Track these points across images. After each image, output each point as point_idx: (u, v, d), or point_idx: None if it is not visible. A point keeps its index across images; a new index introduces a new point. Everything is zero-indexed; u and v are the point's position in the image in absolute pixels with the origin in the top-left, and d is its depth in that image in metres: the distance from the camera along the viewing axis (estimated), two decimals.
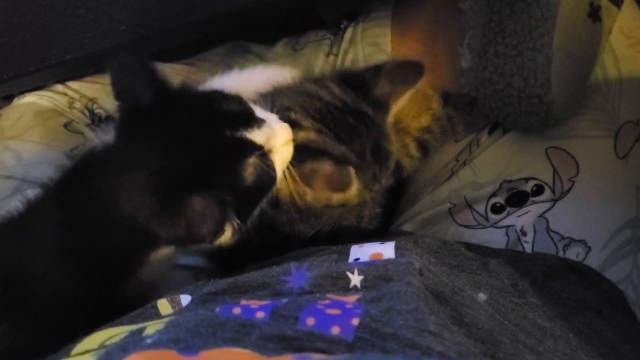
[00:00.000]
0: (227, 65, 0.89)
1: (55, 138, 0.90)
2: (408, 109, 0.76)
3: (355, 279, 0.48)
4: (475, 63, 0.70)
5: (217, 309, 0.43)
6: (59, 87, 0.94)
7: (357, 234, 0.82)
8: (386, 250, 0.54)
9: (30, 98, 0.94)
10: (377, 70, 0.70)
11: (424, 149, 0.80)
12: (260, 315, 0.41)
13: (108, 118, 0.92)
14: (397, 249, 0.53)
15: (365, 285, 0.47)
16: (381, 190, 0.76)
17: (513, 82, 0.68)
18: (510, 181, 0.72)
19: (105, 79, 0.93)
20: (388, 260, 0.51)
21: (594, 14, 0.69)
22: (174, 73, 0.90)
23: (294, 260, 0.56)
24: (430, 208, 0.79)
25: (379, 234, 0.84)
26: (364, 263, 0.50)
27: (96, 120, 0.92)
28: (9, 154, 0.88)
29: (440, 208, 0.77)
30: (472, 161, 0.77)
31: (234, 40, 0.92)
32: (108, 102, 0.92)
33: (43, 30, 0.81)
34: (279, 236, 0.77)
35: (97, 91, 0.92)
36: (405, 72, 0.70)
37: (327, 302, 0.43)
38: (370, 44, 0.80)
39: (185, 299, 0.51)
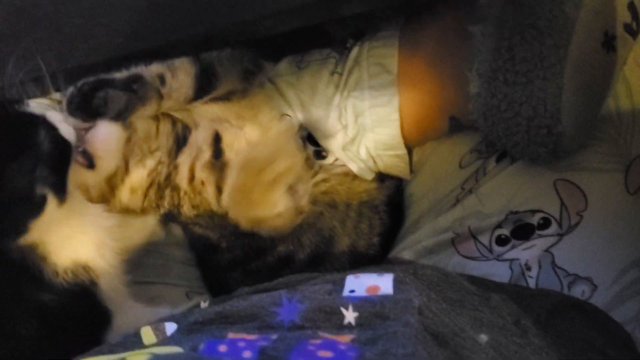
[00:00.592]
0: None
1: None
2: None
3: (350, 316, 0.45)
4: (484, 89, 0.67)
5: (202, 346, 0.40)
6: (58, 96, 0.91)
7: (354, 260, 0.80)
8: (384, 283, 0.51)
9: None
10: None
11: None
12: (247, 355, 0.38)
13: None
14: (396, 282, 0.51)
15: (360, 322, 0.45)
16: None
17: (522, 111, 0.66)
18: (516, 212, 0.70)
19: None
20: (385, 297, 0.48)
21: (609, 43, 0.67)
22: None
23: (286, 287, 0.53)
24: (432, 236, 0.76)
25: (378, 261, 0.82)
26: (360, 298, 0.48)
27: None
28: None
29: (443, 237, 0.75)
30: (478, 190, 0.74)
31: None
32: None
33: (36, 40, 0.79)
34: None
35: None
36: None
37: (318, 341, 0.41)
38: (376, 64, 0.78)
39: (170, 328, 0.49)
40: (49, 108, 0.72)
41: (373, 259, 0.81)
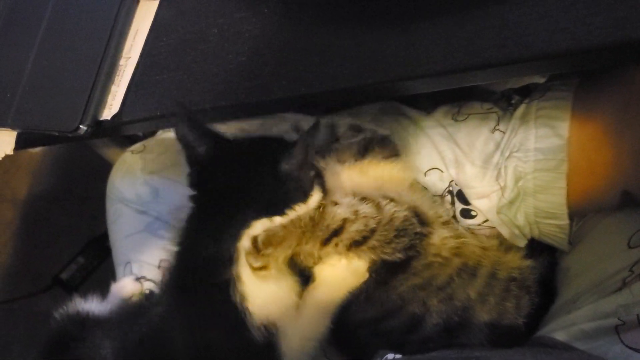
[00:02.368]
0: (378, 126, 0.84)
1: None
2: None
3: None
4: None
5: None
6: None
7: (494, 338, 0.74)
8: None
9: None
10: None
11: None
12: None
13: None
14: None
15: None
16: None
17: None
18: None
19: (253, 127, 0.91)
20: None
21: None
22: None
23: None
24: (591, 320, 0.69)
25: (522, 340, 0.76)
26: None
27: None
28: (147, 189, 0.88)
29: (605, 323, 0.67)
30: None
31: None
32: None
33: (201, 73, 0.80)
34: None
35: None
36: None
37: None
38: (545, 126, 0.72)
39: None
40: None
41: (516, 339, 0.74)
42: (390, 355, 0.66)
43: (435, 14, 0.67)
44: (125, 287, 0.82)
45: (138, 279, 0.86)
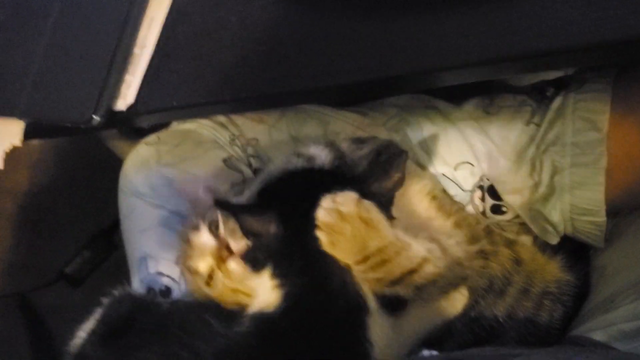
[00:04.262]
0: (404, 121, 0.81)
1: (213, 172, 0.85)
2: None
3: None
4: None
5: None
6: (222, 118, 0.89)
7: (534, 333, 0.71)
8: None
9: (190, 125, 0.91)
10: None
11: None
12: None
13: (257, 171, 0.86)
14: None
15: None
16: None
17: None
18: None
19: (272, 119, 0.88)
20: None
21: None
22: (345, 122, 0.83)
23: None
24: (631, 320, 0.66)
25: (559, 336, 0.73)
26: None
27: (250, 166, 0.87)
28: (162, 182, 0.85)
29: None
30: None
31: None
32: (269, 144, 0.86)
33: (220, 63, 0.76)
34: None
35: (260, 132, 0.87)
36: None
37: None
38: (583, 119, 0.69)
39: None
40: None
41: (549, 343, 0.72)
42: (426, 352, 0.64)
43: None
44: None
45: (157, 274, 0.83)
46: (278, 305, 0.63)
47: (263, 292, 0.66)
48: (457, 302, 0.69)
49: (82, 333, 0.81)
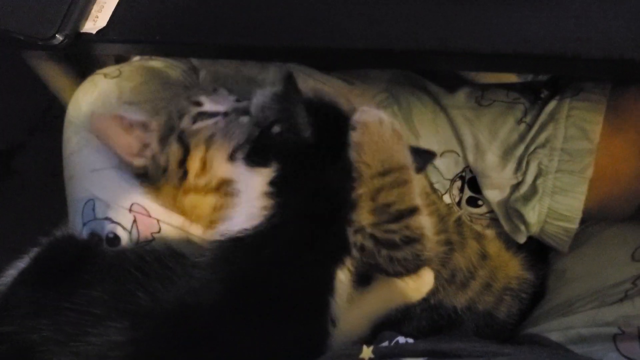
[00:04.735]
0: (393, 97, 0.79)
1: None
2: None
3: None
4: None
5: None
6: (195, 62, 0.82)
7: (491, 325, 0.73)
8: None
9: (157, 63, 0.83)
10: None
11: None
12: None
13: None
14: None
15: None
16: None
17: None
18: None
19: (251, 72, 0.82)
20: None
21: None
22: (331, 89, 0.79)
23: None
24: (589, 326, 0.69)
25: (512, 331, 0.75)
26: None
27: None
28: None
29: (603, 330, 0.68)
30: None
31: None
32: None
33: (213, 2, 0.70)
34: None
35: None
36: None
37: None
38: (576, 127, 0.70)
39: None
40: None
41: (503, 337, 0.74)
42: (401, 339, 0.62)
43: None
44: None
45: (104, 219, 0.76)
46: (254, 225, 0.61)
47: (249, 195, 0.62)
48: (422, 286, 0.68)
49: (12, 271, 0.73)
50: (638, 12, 0.56)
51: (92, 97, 0.79)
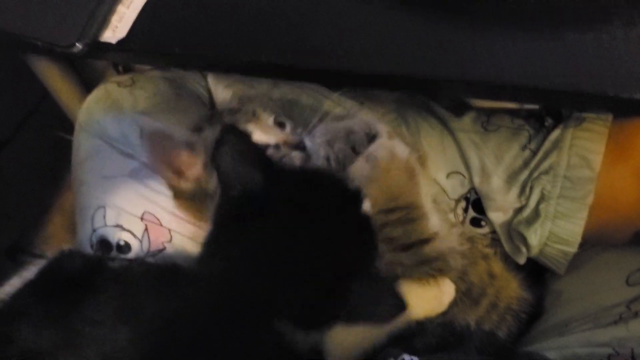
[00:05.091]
0: (402, 118, 0.81)
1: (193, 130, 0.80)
2: None
3: None
4: None
5: None
6: (211, 75, 0.84)
7: (493, 344, 0.75)
8: None
9: (173, 74, 0.84)
10: None
11: None
12: None
13: None
14: None
15: None
16: None
17: None
18: None
19: (264, 87, 0.84)
20: None
21: None
22: (342, 108, 0.81)
23: None
24: (585, 346, 0.72)
25: (510, 350, 0.78)
26: None
27: None
28: (136, 131, 0.78)
29: (598, 351, 0.71)
30: None
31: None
32: None
33: (232, 18, 0.72)
34: None
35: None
36: None
37: None
38: (579, 156, 0.74)
39: None
40: None
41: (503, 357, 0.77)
42: (407, 357, 0.64)
43: (524, 22, 0.65)
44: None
45: (115, 226, 0.76)
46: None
47: None
48: (445, 296, 0.70)
49: (15, 281, 0.74)
50: None
51: (105, 105, 0.80)
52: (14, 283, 0.74)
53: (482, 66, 0.64)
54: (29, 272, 0.75)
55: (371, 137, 0.69)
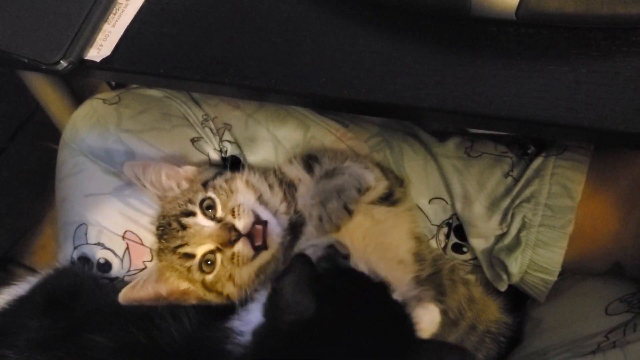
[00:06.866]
0: (386, 142, 0.82)
1: (178, 150, 0.80)
2: None
3: None
4: None
5: None
6: (197, 95, 0.84)
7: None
8: None
9: (159, 93, 0.84)
10: None
11: None
12: None
13: (233, 158, 0.83)
14: None
15: None
16: None
17: None
18: None
19: (250, 108, 0.84)
20: None
21: None
22: (326, 130, 0.82)
23: None
24: None
25: None
26: None
27: (222, 151, 0.83)
28: (121, 149, 0.78)
29: None
30: (625, 346, 0.70)
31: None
32: (243, 133, 0.83)
33: (217, 38, 0.72)
34: None
35: (235, 118, 0.83)
36: None
37: None
38: (560, 185, 0.74)
39: None
40: None
41: None
42: None
43: (505, 54, 0.65)
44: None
45: (96, 244, 0.76)
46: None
47: None
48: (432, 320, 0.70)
49: (6, 296, 0.74)
50: (625, 87, 0.59)
51: (90, 122, 0.80)
52: (4, 297, 0.75)
53: (465, 96, 0.64)
54: (20, 288, 0.75)
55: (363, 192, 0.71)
